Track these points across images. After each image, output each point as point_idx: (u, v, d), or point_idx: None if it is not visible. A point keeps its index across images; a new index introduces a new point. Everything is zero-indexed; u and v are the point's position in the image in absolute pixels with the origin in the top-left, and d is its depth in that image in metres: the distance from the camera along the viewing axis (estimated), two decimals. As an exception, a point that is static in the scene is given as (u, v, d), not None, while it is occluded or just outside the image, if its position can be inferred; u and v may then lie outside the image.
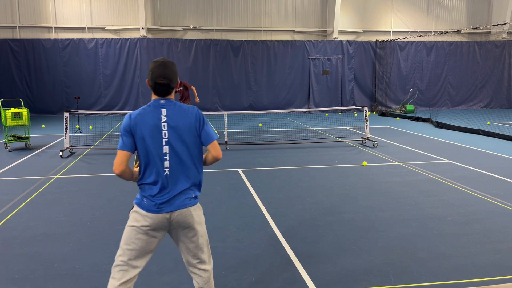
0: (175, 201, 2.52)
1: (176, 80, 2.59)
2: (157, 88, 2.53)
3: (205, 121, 2.62)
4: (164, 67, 2.52)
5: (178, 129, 2.51)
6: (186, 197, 2.56)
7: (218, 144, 2.69)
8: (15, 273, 3.78)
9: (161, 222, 2.52)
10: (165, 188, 2.51)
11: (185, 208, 2.55)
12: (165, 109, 2.53)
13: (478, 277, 3.67)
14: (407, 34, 21.02)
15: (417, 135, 12.39)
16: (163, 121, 2.50)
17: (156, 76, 2.50)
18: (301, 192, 6.36)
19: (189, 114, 2.56)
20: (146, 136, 2.48)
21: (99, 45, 18.50)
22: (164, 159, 2.50)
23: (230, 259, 4.03)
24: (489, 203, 5.75)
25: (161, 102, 2.55)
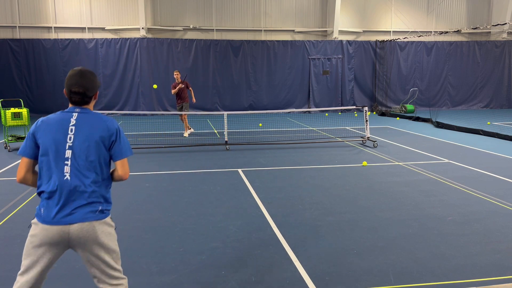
0: (75, 213, 2.35)
1: (93, 91, 2.51)
2: (72, 97, 2.47)
3: (120, 136, 2.51)
4: (80, 76, 2.47)
5: (86, 136, 2.42)
6: (89, 210, 2.39)
7: (127, 164, 2.55)
8: (15, 273, 3.78)
9: (53, 235, 2.32)
10: (63, 198, 2.34)
11: (86, 221, 2.36)
12: (76, 114, 2.46)
13: (478, 277, 3.67)
14: (407, 34, 21.02)
15: (417, 135, 12.39)
16: (71, 125, 2.43)
17: (71, 84, 2.46)
18: (301, 192, 6.36)
19: (102, 125, 2.46)
20: (50, 142, 2.38)
21: (99, 45, 18.50)
22: (65, 164, 2.37)
23: (230, 259, 4.03)
24: (489, 203, 5.75)
25: (76, 110, 2.49)
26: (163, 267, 3.88)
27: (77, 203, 2.36)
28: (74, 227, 2.33)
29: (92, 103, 2.58)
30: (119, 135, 2.51)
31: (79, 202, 2.37)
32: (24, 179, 2.46)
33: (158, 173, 7.70)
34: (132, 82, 18.88)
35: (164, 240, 4.52)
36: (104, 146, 2.46)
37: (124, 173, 2.53)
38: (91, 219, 2.37)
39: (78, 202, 2.37)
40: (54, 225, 2.32)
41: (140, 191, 6.45)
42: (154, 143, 11.04)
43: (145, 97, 19.03)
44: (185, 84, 12.31)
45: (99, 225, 2.40)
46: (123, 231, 4.78)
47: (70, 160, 2.38)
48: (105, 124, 2.48)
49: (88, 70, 2.54)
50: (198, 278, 3.68)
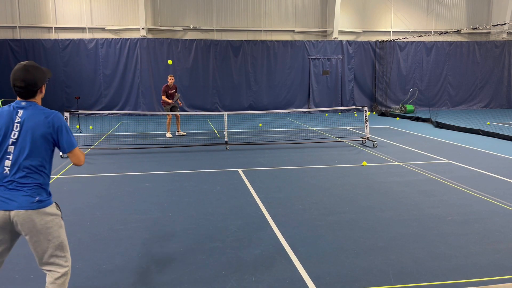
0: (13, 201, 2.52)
1: (36, 85, 2.62)
2: (16, 90, 2.61)
3: (63, 129, 2.65)
4: (23, 70, 2.58)
5: (30, 132, 2.56)
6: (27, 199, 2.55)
7: (79, 151, 2.77)
8: (15, 273, 3.78)
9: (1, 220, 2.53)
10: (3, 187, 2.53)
11: (22, 210, 2.52)
12: (22, 110, 2.60)
13: (478, 277, 3.67)
14: (407, 34, 21.02)
15: (417, 135, 12.39)
16: (16, 121, 2.57)
17: (14, 78, 2.58)
18: (301, 192, 6.36)
19: (46, 119, 2.61)
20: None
21: (99, 45, 18.50)
22: (6, 158, 2.55)
23: (230, 259, 4.03)
24: (489, 203, 5.75)
25: (22, 104, 2.63)
26: (163, 267, 3.88)
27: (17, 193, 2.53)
28: (12, 214, 2.52)
29: (38, 96, 2.71)
30: (62, 128, 2.65)
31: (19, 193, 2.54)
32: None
33: (158, 173, 7.70)
34: (132, 82, 18.89)
35: (164, 240, 4.52)
36: (48, 141, 2.62)
37: (78, 161, 2.76)
38: (28, 208, 2.53)
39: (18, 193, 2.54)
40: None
41: (140, 191, 6.45)
42: (154, 143, 11.04)
43: (145, 97, 19.04)
44: (175, 88, 12.41)
45: (37, 214, 2.56)
46: (123, 231, 4.79)
47: (12, 154, 2.55)
48: (49, 119, 2.62)
49: (33, 65, 2.64)
50: (198, 278, 3.68)
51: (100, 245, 4.39)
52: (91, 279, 3.67)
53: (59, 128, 2.64)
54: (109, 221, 5.11)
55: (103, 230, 4.81)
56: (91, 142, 11.18)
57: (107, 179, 7.18)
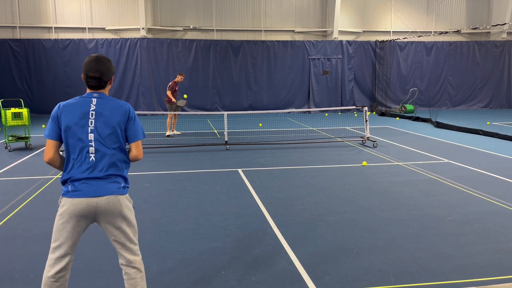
0: (101, 187, 2.58)
1: (108, 76, 2.69)
2: (89, 81, 2.66)
3: (134, 119, 2.72)
4: (96, 62, 2.66)
5: (105, 120, 2.61)
6: (114, 185, 2.63)
7: (141, 146, 2.80)
8: (15, 273, 3.79)
9: (87, 207, 2.56)
10: (91, 173, 2.57)
11: (112, 195, 2.60)
12: (95, 99, 2.65)
13: (478, 277, 3.67)
14: (407, 34, 21.02)
15: (417, 135, 12.39)
16: (91, 110, 2.61)
17: (88, 69, 2.64)
18: (301, 192, 6.36)
19: (119, 108, 2.67)
20: (73, 125, 2.58)
21: (99, 45, 18.50)
22: (90, 145, 2.58)
23: (230, 259, 4.03)
24: (489, 203, 5.75)
25: (93, 95, 2.69)
26: (163, 267, 3.88)
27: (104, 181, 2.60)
28: (102, 200, 2.57)
29: (107, 88, 2.77)
30: (134, 118, 2.72)
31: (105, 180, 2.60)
32: (52, 160, 2.68)
33: (158, 173, 7.70)
34: (132, 82, 18.89)
35: (164, 240, 4.52)
36: (122, 129, 2.67)
37: (138, 153, 2.76)
38: (116, 193, 2.61)
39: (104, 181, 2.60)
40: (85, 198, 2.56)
41: (140, 191, 6.45)
42: (154, 143, 11.04)
43: (145, 97, 19.04)
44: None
45: (123, 199, 2.65)
46: (123, 231, 4.78)
47: (93, 142, 2.58)
48: (123, 108, 2.69)
49: (104, 57, 2.72)
50: (198, 278, 3.68)
51: (100, 245, 4.39)
52: (92, 279, 3.67)
53: (132, 117, 2.71)
54: (109, 221, 5.10)
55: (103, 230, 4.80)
56: (91, 142, 11.16)
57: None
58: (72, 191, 2.57)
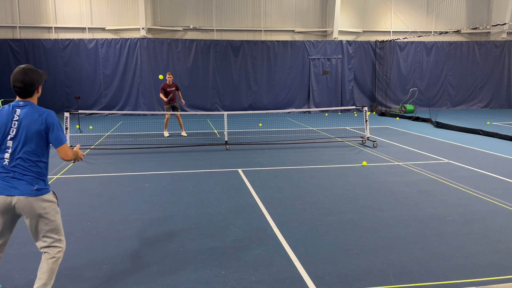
0: (15, 189, 2.89)
1: (34, 86, 2.96)
2: (15, 90, 2.96)
3: (54, 126, 2.99)
4: (22, 73, 2.92)
5: (26, 128, 2.91)
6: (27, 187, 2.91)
7: (67, 147, 3.09)
8: (15, 273, 3.79)
9: (2, 204, 2.90)
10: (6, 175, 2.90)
11: (23, 196, 2.89)
12: (19, 109, 2.95)
13: (478, 277, 3.67)
14: (407, 34, 21.02)
15: (417, 135, 12.39)
16: (14, 119, 2.92)
17: (14, 80, 2.93)
18: (301, 192, 6.36)
19: (40, 117, 2.95)
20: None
21: (99, 45, 18.50)
22: (6, 151, 2.91)
23: (230, 259, 4.03)
24: (489, 203, 5.75)
25: (19, 103, 2.98)
26: (163, 267, 3.88)
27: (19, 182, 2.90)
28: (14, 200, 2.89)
29: (35, 96, 3.04)
30: (53, 126, 2.98)
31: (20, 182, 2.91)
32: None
33: (158, 173, 7.70)
34: (132, 82, 18.89)
35: (164, 240, 4.52)
36: (42, 136, 2.96)
37: (64, 156, 3.07)
38: (28, 195, 2.90)
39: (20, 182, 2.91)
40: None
41: (140, 191, 6.45)
42: (154, 143, 11.04)
43: (145, 97, 19.04)
44: (175, 86, 12.35)
45: (35, 201, 2.92)
46: (123, 231, 4.79)
47: (10, 148, 2.91)
48: (42, 117, 2.95)
49: (30, 68, 2.98)
50: (198, 278, 3.68)
51: (100, 245, 4.39)
52: (91, 279, 3.67)
53: (50, 125, 2.97)
54: (109, 221, 5.11)
55: (103, 230, 4.81)
56: (91, 142, 11.18)
57: (107, 179, 7.18)
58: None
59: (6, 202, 2.89)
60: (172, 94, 12.19)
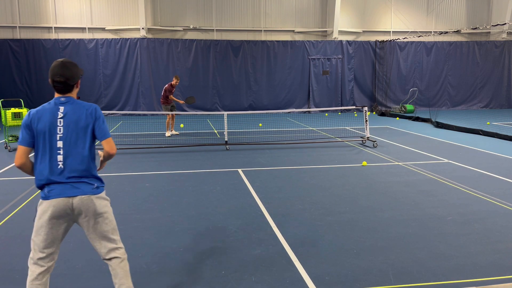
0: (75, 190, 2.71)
1: (74, 80, 2.79)
2: (55, 86, 2.76)
3: (101, 119, 2.86)
4: (61, 66, 2.75)
5: (74, 125, 2.74)
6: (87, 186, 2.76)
7: (113, 142, 2.94)
8: (15, 273, 3.79)
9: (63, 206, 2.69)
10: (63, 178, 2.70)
11: (85, 195, 2.73)
12: (63, 106, 2.76)
13: (478, 277, 3.67)
14: (407, 34, 21.02)
15: (417, 135, 12.39)
16: (59, 117, 2.73)
17: (54, 74, 2.73)
18: (301, 192, 6.36)
19: (87, 111, 2.80)
20: (42, 132, 2.69)
21: (99, 45, 18.50)
22: (58, 153, 2.70)
23: (230, 259, 4.03)
24: (489, 203, 5.75)
25: (61, 99, 2.78)
26: (163, 267, 3.88)
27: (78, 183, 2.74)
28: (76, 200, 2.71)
29: (74, 91, 2.86)
30: (100, 118, 2.84)
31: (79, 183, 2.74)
32: (23, 165, 2.76)
33: (158, 173, 7.70)
34: (132, 82, 18.89)
35: (164, 240, 4.52)
36: (90, 130, 2.79)
37: (110, 149, 2.87)
38: (89, 193, 2.75)
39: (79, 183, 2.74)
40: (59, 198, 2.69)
41: (140, 191, 6.45)
42: (154, 143, 11.04)
43: (145, 97, 19.04)
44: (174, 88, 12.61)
45: (96, 199, 2.77)
46: (123, 231, 4.78)
47: (62, 149, 2.71)
48: (90, 111, 2.81)
49: (69, 61, 2.80)
50: (198, 278, 3.68)
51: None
52: (92, 279, 3.67)
53: (98, 118, 2.83)
54: (109, 221, 5.10)
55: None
56: (91, 142, 11.16)
57: (107, 179, 7.17)
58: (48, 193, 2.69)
59: (67, 205, 2.69)
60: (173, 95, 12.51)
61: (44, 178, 2.69)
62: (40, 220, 2.70)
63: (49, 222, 2.69)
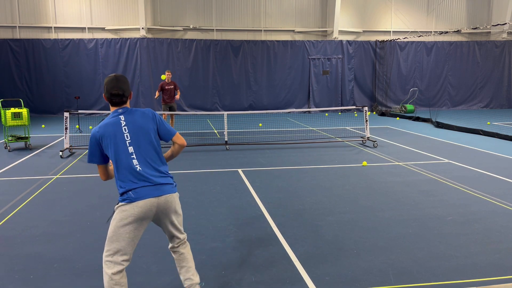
0: (162, 188, 2.85)
1: (128, 91, 2.97)
2: (113, 99, 2.92)
3: (161, 120, 3.04)
4: (117, 80, 2.92)
5: (139, 130, 2.88)
6: (169, 186, 2.92)
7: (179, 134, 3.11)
8: (15, 273, 3.78)
9: (151, 206, 2.81)
10: (145, 180, 2.82)
11: (169, 194, 2.89)
12: (123, 116, 2.91)
13: (478, 277, 3.67)
14: (407, 34, 21.02)
15: (417, 135, 12.39)
16: (123, 126, 2.87)
17: (111, 87, 2.89)
18: (301, 192, 6.36)
19: (146, 115, 2.97)
20: (112, 143, 2.82)
21: (99, 45, 18.50)
22: (132, 158, 2.82)
23: (230, 259, 4.03)
24: (489, 203, 5.75)
25: (118, 111, 2.94)
26: (163, 267, 3.88)
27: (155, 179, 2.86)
28: (161, 199, 2.85)
29: (128, 102, 3.03)
30: (162, 121, 3.04)
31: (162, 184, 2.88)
32: (108, 178, 3.10)
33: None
34: (132, 82, 18.88)
35: (164, 240, 4.51)
36: (155, 133, 2.96)
37: (182, 141, 3.10)
38: (171, 192, 2.92)
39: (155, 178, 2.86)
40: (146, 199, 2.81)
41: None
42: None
43: (145, 97, 19.03)
44: (174, 84, 12.14)
45: (176, 196, 2.99)
46: (123, 231, 4.78)
47: (134, 154, 2.84)
48: (149, 114, 2.98)
49: (122, 75, 3.00)
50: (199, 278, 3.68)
51: (100, 245, 4.39)
52: (92, 279, 3.67)
53: (158, 120, 3.02)
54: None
55: (104, 231, 4.80)
56: (91, 142, 11.15)
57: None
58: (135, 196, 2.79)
59: (153, 205, 2.82)
60: (170, 93, 12.03)
61: (127, 184, 2.79)
62: (123, 223, 2.78)
63: (134, 224, 2.79)
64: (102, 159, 2.92)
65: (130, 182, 2.79)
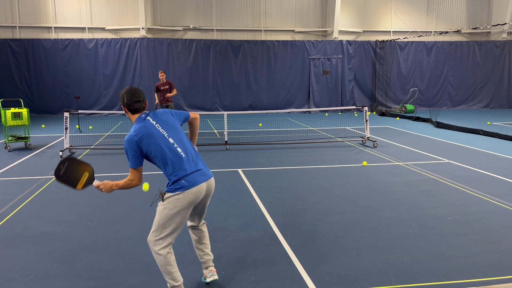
0: (206, 172, 3.25)
1: (145, 99, 3.29)
2: (135, 105, 3.19)
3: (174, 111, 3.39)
4: (135, 90, 3.24)
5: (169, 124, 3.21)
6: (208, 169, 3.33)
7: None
8: (15, 273, 3.78)
9: (202, 190, 3.16)
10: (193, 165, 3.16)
11: (211, 177, 3.29)
12: (149, 117, 3.20)
13: (478, 277, 3.67)
14: (407, 34, 21.02)
15: (417, 135, 12.39)
16: (155, 124, 3.16)
17: (131, 96, 3.18)
18: (301, 192, 6.36)
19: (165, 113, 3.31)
20: (153, 141, 3.08)
21: (99, 45, 18.50)
22: (175, 147, 3.13)
23: (230, 259, 4.03)
24: (489, 203, 5.75)
25: (142, 116, 3.21)
26: (163, 267, 3.87)
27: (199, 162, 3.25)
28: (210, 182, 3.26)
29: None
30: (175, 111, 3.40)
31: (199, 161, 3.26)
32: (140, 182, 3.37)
33: (158, 173, 7.69)
34: (132, 82, 18.88)
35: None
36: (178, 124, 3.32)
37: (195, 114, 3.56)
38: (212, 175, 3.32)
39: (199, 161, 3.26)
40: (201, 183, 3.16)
41: (140, 191, 6.44)
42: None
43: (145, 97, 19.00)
44: (169, 84, 12.17)
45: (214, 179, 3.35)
46: (123, 231, 4.79)
47: (175, 143, 3.15)
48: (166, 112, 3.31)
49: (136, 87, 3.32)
50: (199, 278, 3.68)
51: (100, 245, 4.39)
52: (92, 279, 3.67)
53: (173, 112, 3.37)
54: (109, 221, 5.11)
55: (103, 230, 4.81)
56: (91, 142, 11.18)
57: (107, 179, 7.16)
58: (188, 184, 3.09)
59: (203, 188, 3.15)
60: (165, 93, 12.03)
61: (179, 173, 3.07)
62: (177, 210, 3.08)
63: (187, 209, 3.12)
64: (142, 161, 3.17)
65: (181, 170, 3.08)
